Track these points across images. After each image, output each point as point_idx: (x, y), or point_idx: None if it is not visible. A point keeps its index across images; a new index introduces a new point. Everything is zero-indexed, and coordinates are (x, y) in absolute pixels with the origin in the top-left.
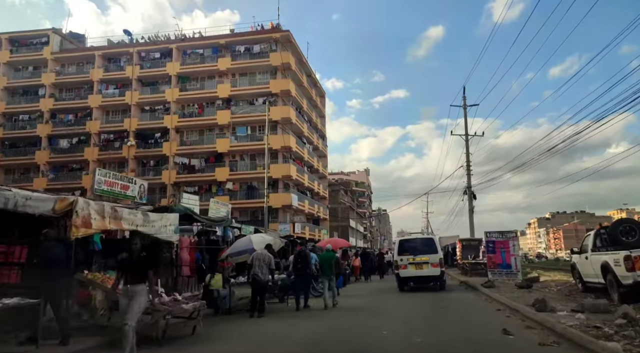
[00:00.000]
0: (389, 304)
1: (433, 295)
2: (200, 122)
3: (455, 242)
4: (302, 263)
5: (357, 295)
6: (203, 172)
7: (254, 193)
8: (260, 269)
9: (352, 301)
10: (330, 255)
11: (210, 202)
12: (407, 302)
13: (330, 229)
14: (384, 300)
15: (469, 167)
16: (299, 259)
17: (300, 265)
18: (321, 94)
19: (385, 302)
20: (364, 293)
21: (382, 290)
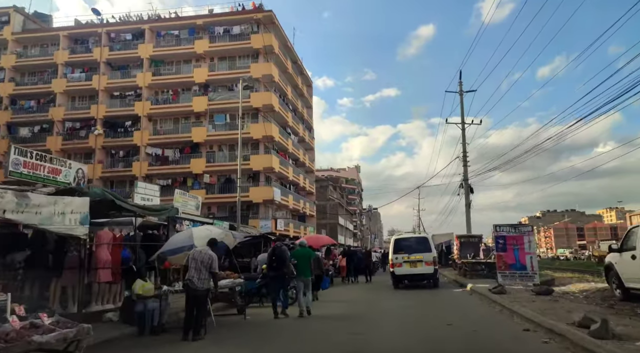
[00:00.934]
0: (377, 311)
1: (429, 300)
2: (175, 110)
3: (449, 239)
4: (278, 262)
5: (341, 301)
6: (177, 164)
7: (232, 187)
8: (197, 272)
9: (335, 308)
10: (305, 252)
11: (175, 194)
12: (400, 311)
13: (317, 227)
14: (372, 306)
15: (465, 158)
16: (274, 257)
17: (275, 264)
18: (308, 83)
19: (374, 308)
20: (348, 298)
21: (371, 293)
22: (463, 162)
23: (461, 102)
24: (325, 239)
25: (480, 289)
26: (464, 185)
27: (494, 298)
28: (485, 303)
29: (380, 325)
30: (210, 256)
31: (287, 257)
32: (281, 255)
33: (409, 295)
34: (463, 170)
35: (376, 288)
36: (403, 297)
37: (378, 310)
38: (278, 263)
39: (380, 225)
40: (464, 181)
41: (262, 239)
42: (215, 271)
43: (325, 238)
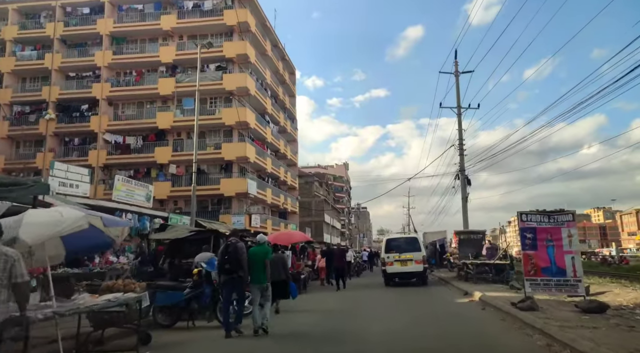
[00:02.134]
0: (354, 330)
1: (428, 314)
2: (138, 93)
3: (443, 237)
4: (232, 263)
5: (311, 311)
6: (140, 152)
7: (203, 179)
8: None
9: (301, 323)
10: (261, 251)
11: (115, 181)
12: (385, 329)
13: (301, 225)
14: (349, 321)
15: (461, 146)
16: (226, 257)
17: (228, 265)
18: (291, 70)
19: (351, 324)
20: (321, 308)
21: (350, 301)
22: (459, 150)
23: (457, 84)
24: (298, 236)
25: (496, 301)
26: (460, 177)
27: (526, 318)
28: (513, 327)
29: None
30: (15, 257)
31: (244, 256)
32: (236, 255)
33: (398, 303)
34: (459, 159)
35: (357, 294)
36: (390, 307)
37: (356, 327)
38: (232, 264)
39: (370, 224)
40: (459, 172)
41: (211, 235)
42: (18, 281)
43: (298, 235)
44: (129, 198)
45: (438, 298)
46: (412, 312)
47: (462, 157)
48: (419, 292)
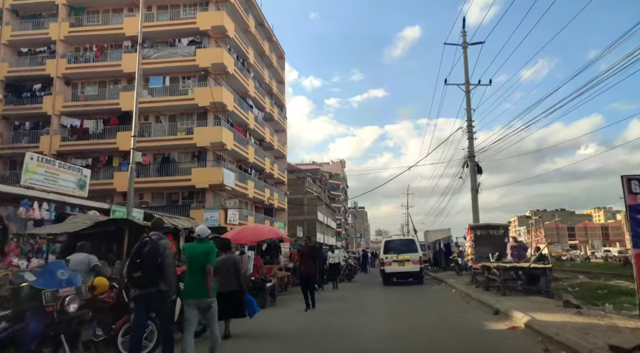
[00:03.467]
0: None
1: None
2: (100, 70)
3: (447, 236)
4: (147, 270)
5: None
6: (101, 138)
7: (172, 169)
8: None
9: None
10: (200, 250)
11: (26, 160)
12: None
13: (291, 223)
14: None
15: (470, 127)
16: (138, 260)
17: (140, 273)
18: (280, 54)
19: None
20: (289, 327)
21: (329, 317)
22: (468, 134)
23: (465, 57)
24: (267, 232)
25: (568, 337)
26: (469, 164)
27: None
28: None
29: None
30: None
31: (168, 260)
32: (153, 258)
33: (397, 326)
34: (468, 144)
35: (338, 307)
36: (383, 338)
37: None
38: (146, 272)
39: (367, 224)
40: (468, 159)
41: (127, 228)
42: None
43: (267, 231)
44: (50, 184)
45: (457, 323)
46: (423, 332)
47: (471, 141)
48: (428, 311)
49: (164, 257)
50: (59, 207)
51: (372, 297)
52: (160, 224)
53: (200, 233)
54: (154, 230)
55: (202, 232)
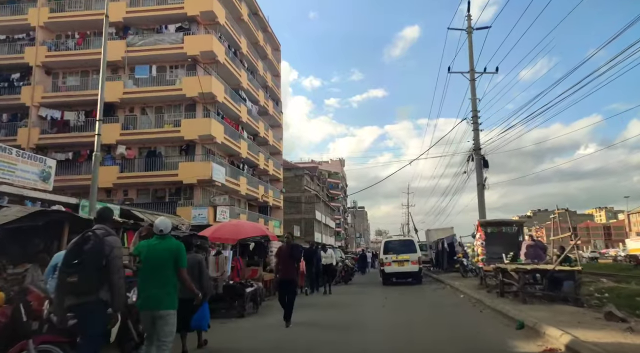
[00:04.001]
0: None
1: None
2: (82, 58)
3: (451, 235)
4: (86, 274)
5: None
6: (82, 131)
7: (159, 163)
8: None
9: None
10: (162, 249)
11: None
12: None
13: (287, 221)
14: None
15: (476, 119)
16: (76, 261)
17: (77, 278)
18: (275, 46)
19: None
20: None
21: (312, 332)
22: (473, 125)
23: (469, 43)
24: (250, 229)
25: None
26: (475, 158)
27: None
28: None
29: None
30: None
31: (116, 262)
32: (95, 259)
33: (400, 340)
34: (473, 135)
35: (328, 317)
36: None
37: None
38: (84, 276)
39: (367, 224)
40: (474, 152)
41: (67, 222)
42: None
43: (250, 228)
44: (5, 174)
45: (475, 341)
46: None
47: (477, 133)
48: (436, 322)
49: (110, 258)
50: (17, 201)
51: (369, 302)
52: (107, 215)
53: (162, 227)
54: (99, 222)
55: (164, 226)
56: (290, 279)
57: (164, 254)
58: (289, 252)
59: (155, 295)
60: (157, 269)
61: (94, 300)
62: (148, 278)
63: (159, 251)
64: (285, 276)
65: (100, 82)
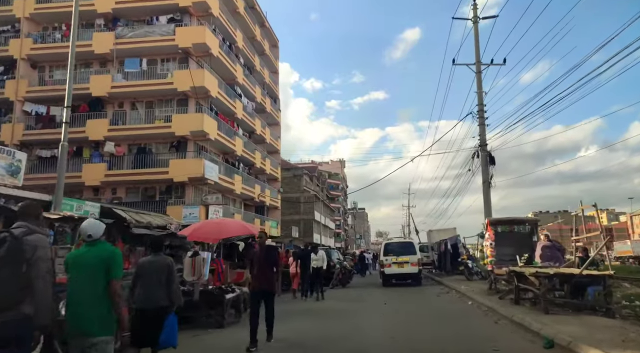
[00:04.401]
0: None
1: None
2: (67, 51)
3: (454, 236)
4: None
5: None
6: (69, 127)
7: (149, 160)
8: None
9: None
10: (89, 256)
11: None
12: None
13: (285, 222)
14: None
15: (482, 113)
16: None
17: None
18: (273, 42)
19: None
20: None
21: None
22: (479, 119)
23: (475, 33)
24: (234, 227)
25: None
26: (480, 154)
27: None
28: None
29: None
30: None
31: (39, 268)
32: (11, 264)
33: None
34: (479, 131)
35: (317, 330)
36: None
37: None
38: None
39: (368, 226)
40: (479, 148)
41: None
42: None
43: (235, 226)
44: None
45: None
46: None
47: (482, 128)
48: (445, 337)
49: (32, 261)
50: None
51: (366, 310)
52: (29, 210)
53: (90, 232)
54: (20, 219)
55: (93, 229)
56: (266, 290)
57: (93, 263)
58: (263, 255)
59: (84, 316)
60: (85, 283)
61: (15, 316)
62: (75, 296)
63: (88, 260)
64: (260, 286)
65: (68, 70)
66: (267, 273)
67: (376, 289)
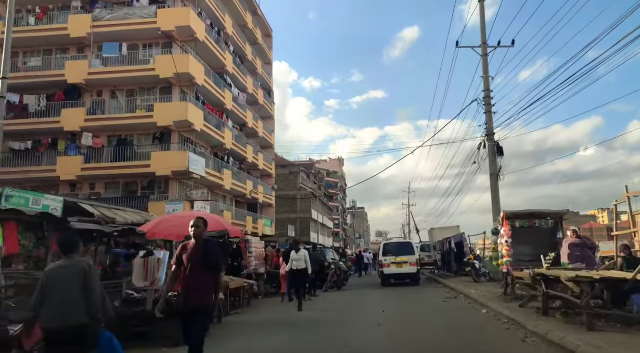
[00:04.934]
0: None
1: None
2: (43, 34)
3: (460, 234)
4: None
5: None
6: (43, 117)
7: (130, 153)
8: None
9: None
10: None
11: None
12: None
13: (281, 221)
14: None
15: (489, 99)
16: None
17: None
18: (266, 32)
19: None
20: None
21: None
22: (485, 107)
23: (481, 11)
24: (210, 223)
25: None
26: (487, 145)
27: None
28: None
29: None
30: None
31: None
32: None
33: None
34: (486, 119)
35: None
36: None
37: None
38: None
39: (367, 225)
40: (486, 137)
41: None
42: None
43: (210, 222)
44: None
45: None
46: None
47: (489, 116)
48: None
49: None
50: None
51: (360, 321)
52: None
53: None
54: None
55: None
56: (200, 307)
57: None
58: (199, 254)
59: None
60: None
61: None
62: None
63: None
64: (190, 302)
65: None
66: (202, 281)
67: (374, 291)
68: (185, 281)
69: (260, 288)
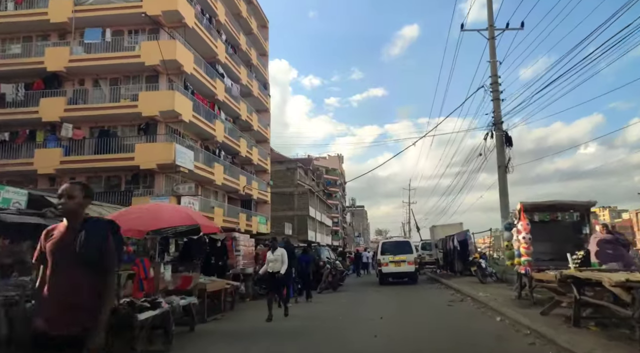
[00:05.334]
0: None
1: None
2: (22, 20)
3: (462, 231)
4: None
5: None
6: (21, 106)
7: (113, 145)
8: None
9: None
10: None
11: None
12: None
13: (277, 218)
14: None
15: (496, 86)
16: None
17: None
18: (262, 22)
19: None
20: None
21: None
22: (493, 93)
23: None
24: (171, 215)
25: None
26: (495, 135)
27: None
28: None
29: None
30: None
31: None
32: None
33: None
34: (493, 106)
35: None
36: None
37: None
38: None
39: (367, 224)
40: (494, 126)
41: None
42: None
43: (172, 214)
44: None
45: None
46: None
47: (497, 103)
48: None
49: None
50: None
51: (355, 329)
52: None
53: None
54: None
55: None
56: (73, 334)
57: None
58: (71, 241)
59: None
60: None
61: None
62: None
63: None
64: (58, 323)
65: None
66: (76, 288)
67: (371, 292)
68: (48, 288)
69: (248, 290)
